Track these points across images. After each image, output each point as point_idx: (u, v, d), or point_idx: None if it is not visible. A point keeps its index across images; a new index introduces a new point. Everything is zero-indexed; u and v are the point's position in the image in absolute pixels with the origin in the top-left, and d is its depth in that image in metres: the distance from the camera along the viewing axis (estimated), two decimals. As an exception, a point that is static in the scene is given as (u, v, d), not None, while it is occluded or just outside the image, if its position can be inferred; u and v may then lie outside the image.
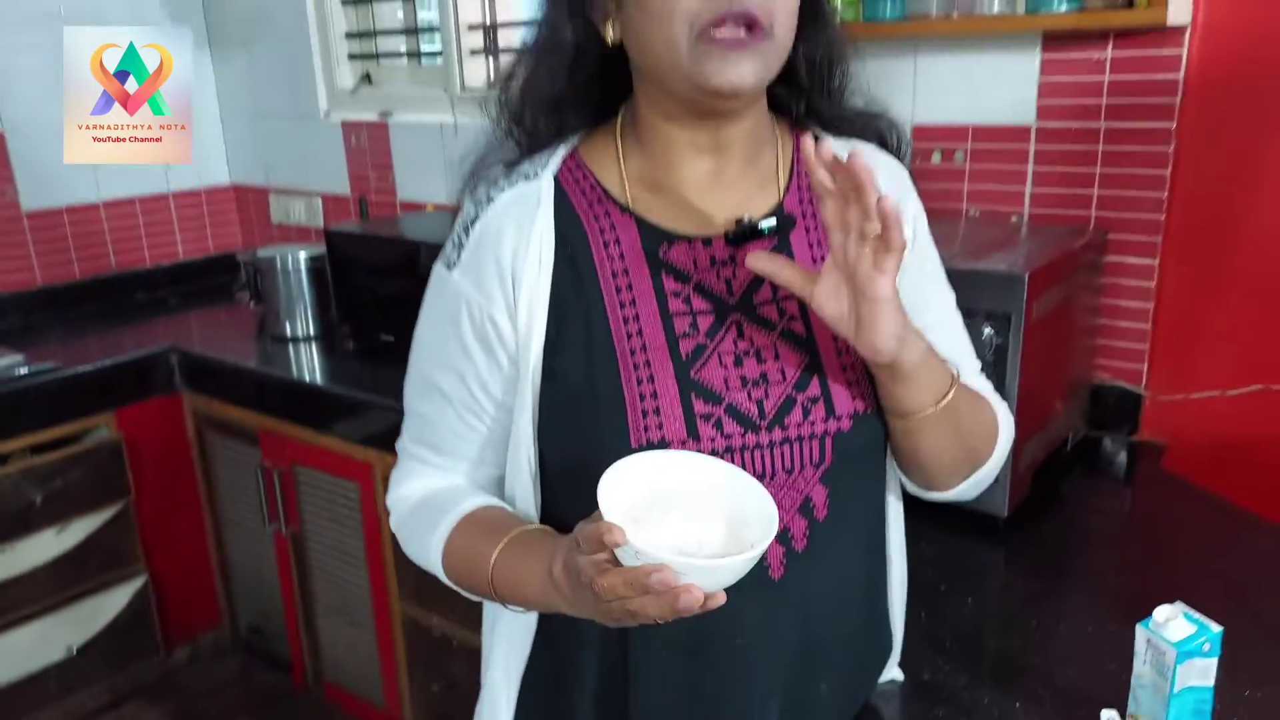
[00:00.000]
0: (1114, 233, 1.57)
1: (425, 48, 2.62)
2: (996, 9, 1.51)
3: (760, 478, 0.78)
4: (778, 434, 0.80)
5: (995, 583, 1.32)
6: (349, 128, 2.66)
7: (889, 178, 0.89)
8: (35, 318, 2.60)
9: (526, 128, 0.86)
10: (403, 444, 0.95)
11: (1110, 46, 1.52)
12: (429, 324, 0.90)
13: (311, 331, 2.36)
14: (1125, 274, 1.59)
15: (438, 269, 0.88)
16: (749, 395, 0.81)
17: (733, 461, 0.78)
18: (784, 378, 0.82)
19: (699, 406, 0.79)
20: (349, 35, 2.67)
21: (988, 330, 1.29)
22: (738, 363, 0.81)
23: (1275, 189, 1.44)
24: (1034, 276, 1.27)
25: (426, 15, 2.60)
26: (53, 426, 2.18)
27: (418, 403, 0.92)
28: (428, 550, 0.88)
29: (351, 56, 2.68)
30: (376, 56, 2.67)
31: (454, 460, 0.91)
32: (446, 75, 2.45)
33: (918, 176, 1.76)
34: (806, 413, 0.81)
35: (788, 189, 0.86)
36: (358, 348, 2.24)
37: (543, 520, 0.87)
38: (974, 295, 1.28)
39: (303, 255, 2.35)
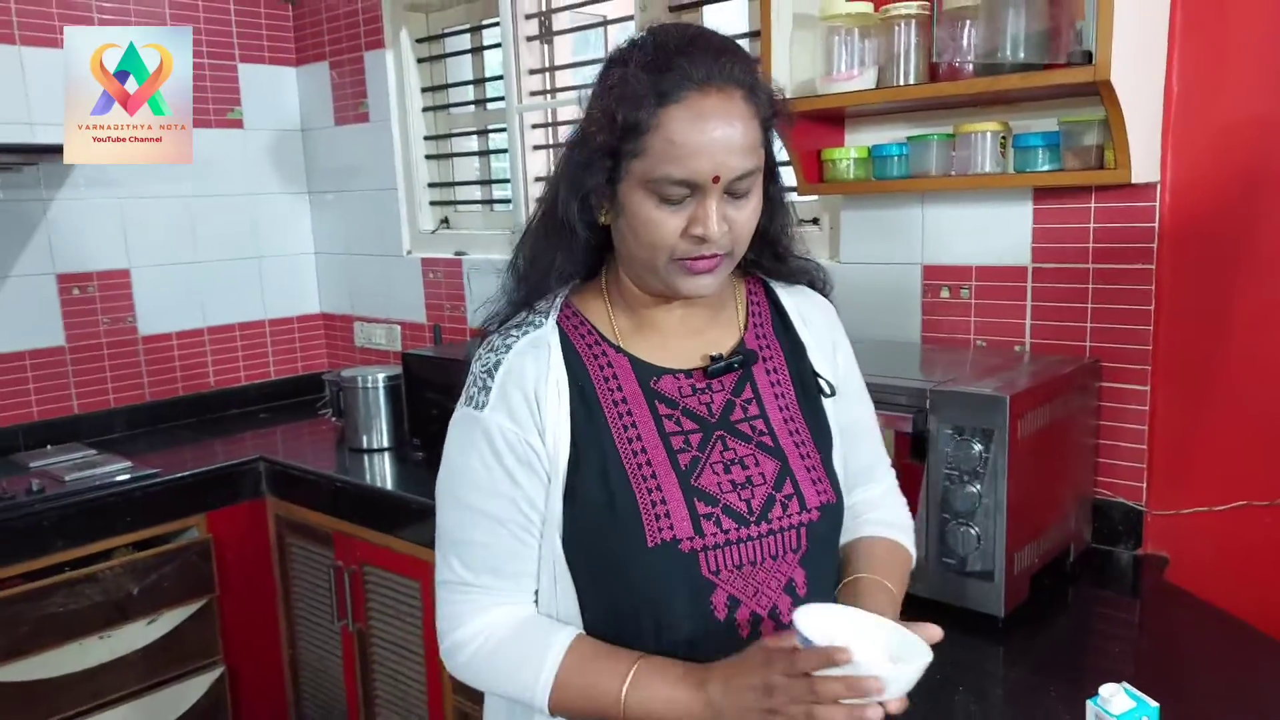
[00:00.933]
0: (1108, 361, 1.74)
1: (497, 195, 2.95)
2: (989, 168, 1.73)
3: (751, 565, 0.96)
4: (764, 527, 0.98)
5: (990, 676, 1.43)
6: (428, 264, 2.97)
7: (823, 314, 1.11)
8: (142, 429, 2.91)
9: (533, 286, 1.03)
10: (456, 576, 1.00)
11: (1093, 199, 1.72)
12: (465, 461, 0.99)
13: (385, 443, 2.60)
14: (1121, 399, 1.74)
15: (465, 413, 1.00)
16: (739, 496, 0.99)
17: (729, 552, 0.96)
18: (764, 480, 1.00)
19: (700, 508, 0.97)
20: (431, 185, 3.02)
21: (978, 446, 1.46)
22: (726, 470, 0.99)
23: (1244, 325, 1.61)
24: (1016, 398, 1.43)
25: (499, 167, 2.94)
26: (151, 526, 2.42)
27: (470, 534, 0.99)
28: (534, 681, 0.95)
29: (432, 203, 3.03)
30: (454, 203, 3.01)
31: (516, 579, 1.00)
32: (514, 219, 2.76)
33: (930, 310, 1.98)
34: (785, 508, 1.00)
35: (746, 328, 1.07)
36: (426, 458, 2.46)
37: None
38: (967, 414, 1.47)
39: (381, 376, 2.61)
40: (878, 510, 1.14)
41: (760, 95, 0.93)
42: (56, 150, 2.52)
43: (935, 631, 0.87)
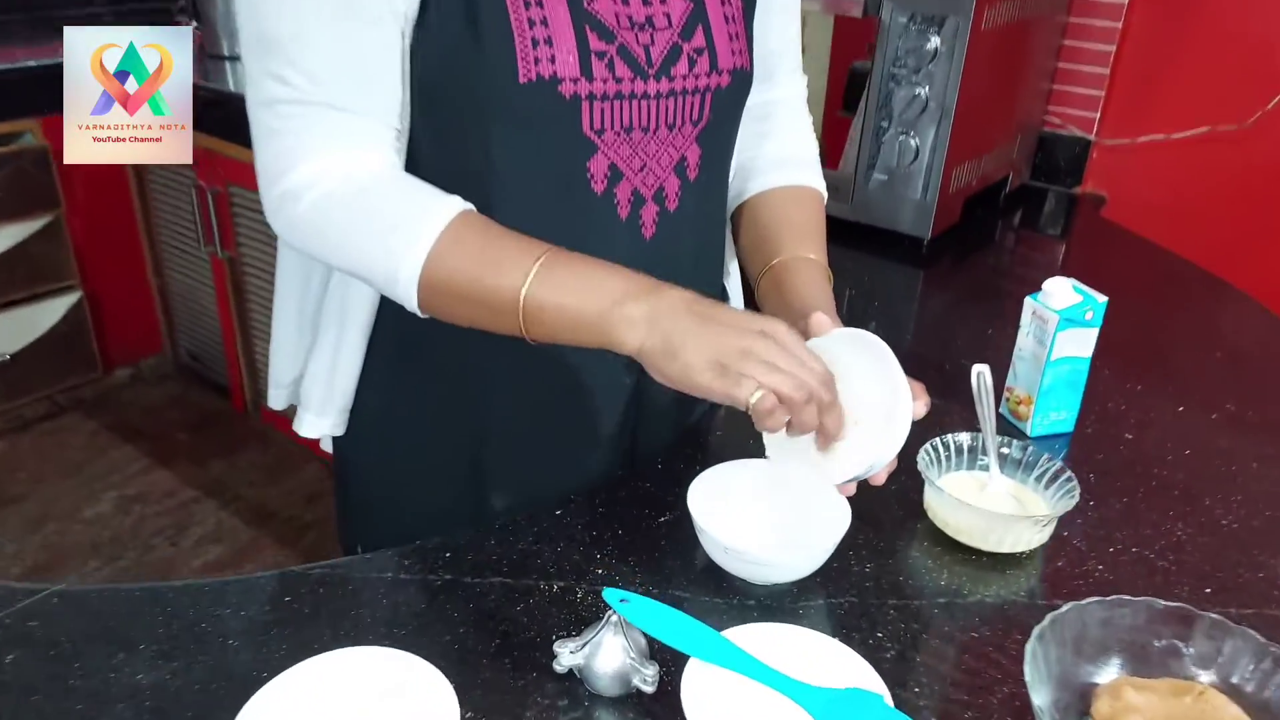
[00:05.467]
0: (1086, -25, 1.50)
1: None
2: None
3: (643, 131, 0.77)
4: (664, 85, 0.77)
5: (906, 293, 1.32)
6: None
7: None
8: (-44, 21, 2.46)
9: None
10: (293, 92, 0.70)
11: None
12: None
13: (249, 49, 2.25)
14: (1092, 13, 1.53)
15: None
16: (637, 39, 0.75)
17: (619, 107, 0.75)
18: (670, 23, 0.77)
19: (594, 42, 0.73)
20: None
21: (933, 40, 1.24)
22: (625, 1, 0.75)
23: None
24: (984, -21, 1.20)
25: None
26: (-24, 127, 2.10)
27: (310, 25, 0.68)
28: (408, 244, 0.69)
29: None
30: None
31: (379, 97, 0.72)
32: None
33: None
34: (692, 64, 0.78)
35: None
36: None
37: None
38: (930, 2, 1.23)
39: (241, -34, 2.20)
40: (780, 140, 0.93)
41: None
42: None
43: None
